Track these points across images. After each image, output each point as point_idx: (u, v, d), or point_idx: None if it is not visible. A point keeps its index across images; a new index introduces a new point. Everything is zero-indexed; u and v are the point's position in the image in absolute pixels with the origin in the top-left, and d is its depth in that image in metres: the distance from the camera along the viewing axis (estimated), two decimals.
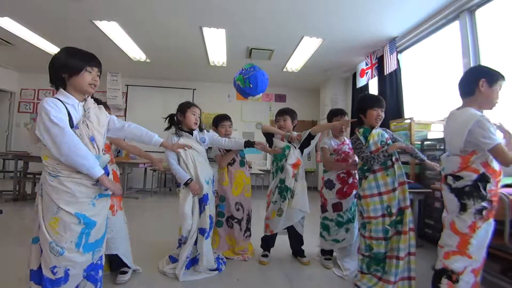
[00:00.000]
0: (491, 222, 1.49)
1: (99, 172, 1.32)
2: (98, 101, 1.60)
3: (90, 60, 1.39)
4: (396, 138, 2.08)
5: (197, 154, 2.15)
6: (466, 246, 1.47)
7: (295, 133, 2.46)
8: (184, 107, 2.17)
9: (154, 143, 1.73)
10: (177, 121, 2.20)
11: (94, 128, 1.37)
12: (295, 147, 2.37)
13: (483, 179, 1.45)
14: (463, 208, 1.48)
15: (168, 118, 2.24)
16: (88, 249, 1.35)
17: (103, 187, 1.36)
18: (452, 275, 1.48)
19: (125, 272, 1.95)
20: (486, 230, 1.48)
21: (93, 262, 1.39)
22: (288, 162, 2.32)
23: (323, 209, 2.39)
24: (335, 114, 2.44)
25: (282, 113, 2.52)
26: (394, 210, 1.88)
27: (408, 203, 1.89)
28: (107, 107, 1.76)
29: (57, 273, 1.27)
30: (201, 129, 2.24)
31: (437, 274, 1.54)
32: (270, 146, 2.50)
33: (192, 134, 2.17)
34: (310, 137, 2.39)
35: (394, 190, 1.90)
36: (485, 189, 1.45)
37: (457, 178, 1.52)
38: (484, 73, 1.53)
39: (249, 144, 2.22)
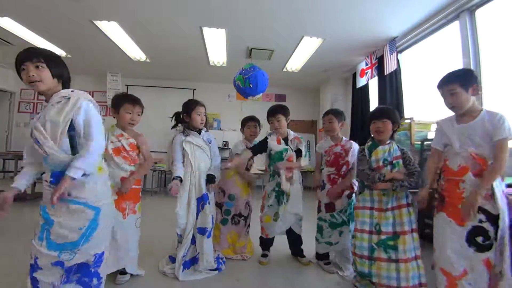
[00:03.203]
0: (444, 218, 1.56)
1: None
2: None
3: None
4: (409, 157, 1.90)
5: (202, 152, 2.15)
6: None
7: (295, 136, 2.39)
8: (189, 108, 2.12)
9: None
10: (183, 120, 2.18)
11: (38, 130, 1.31)
12: (292, 149, 2.30)
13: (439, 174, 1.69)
14: None
15: (174, 117, 2.22)
16: (52, 247, 1.30)
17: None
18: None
19: (125, 273, 1.94)
20: (438, 222, 1.59)
21: (62, 260, 1.31)
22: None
23: (318, 209, 2.37)
24: (324, 115, 2.39)
25: (273, 112, 2.28)
26: (383, 229, 1.77)
27: (407, 228, 1.75)
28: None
29: (31, 258, 1.32)
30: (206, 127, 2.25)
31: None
32: (265, 150, 2.36)
33: (200, 132, 2.18)
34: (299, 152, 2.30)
35: (386, 210, 1.79)
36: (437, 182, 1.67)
37: None
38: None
39: (209, 180, 2.10)
